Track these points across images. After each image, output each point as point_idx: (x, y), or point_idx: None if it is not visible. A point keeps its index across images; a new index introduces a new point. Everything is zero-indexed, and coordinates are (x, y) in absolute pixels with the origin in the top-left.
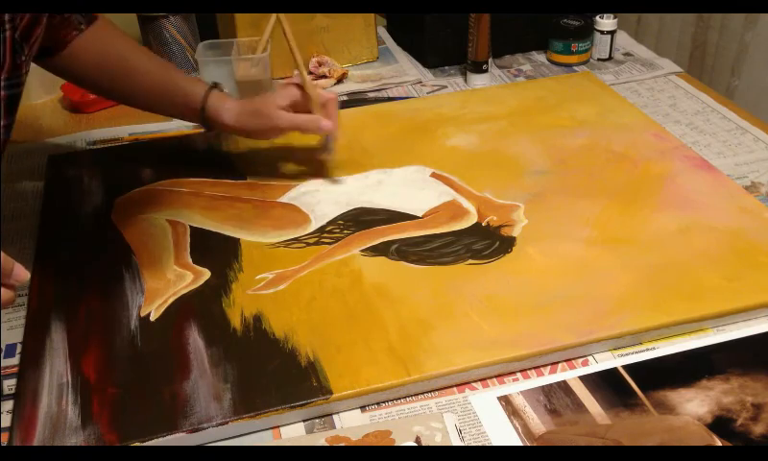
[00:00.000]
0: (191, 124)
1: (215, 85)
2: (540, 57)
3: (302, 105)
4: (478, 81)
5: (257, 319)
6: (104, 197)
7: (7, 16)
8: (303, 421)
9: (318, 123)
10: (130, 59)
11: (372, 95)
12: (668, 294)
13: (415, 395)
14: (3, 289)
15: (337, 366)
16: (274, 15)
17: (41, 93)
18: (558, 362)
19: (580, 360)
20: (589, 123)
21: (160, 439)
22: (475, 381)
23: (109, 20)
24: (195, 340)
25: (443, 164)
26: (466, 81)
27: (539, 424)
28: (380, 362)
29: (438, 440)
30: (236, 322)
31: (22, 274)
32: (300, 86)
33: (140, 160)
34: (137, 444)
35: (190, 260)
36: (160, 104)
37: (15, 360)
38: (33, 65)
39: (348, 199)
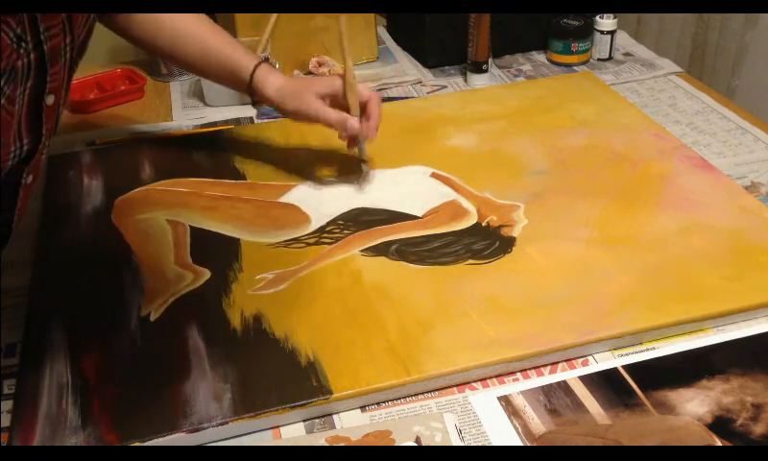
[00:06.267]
0: (191, 124)
1: (265, 60)
2: (540, 57)
3: (342, 99)
4: (478, 81)
5: (257, 319)
6: (104, 197)
7: (68, 39)
8: (303, 421)
9: (344, 123)
10: (186, 24)
11: None
12: (668, 294)
13: (415, 395)
14: None
15: (337, 366)
16: (274, 15)
17: None
18: (558, 362)
19: (580, 360)
20: (589, 123)
21: (160, 439)
22: (475, 381)
23: None
24: (195, 340)
25: (443, 164)
26: (466, 81)
27: (539, 424)
28: (380, 362)
29: (438, 440)
30: (236, 322)
31: None
32: (343, 78)
33: (140, 160)
34: (137, 444)
35: (190, 260)
36: (213, 71)
37: (15, 360)
38: None
39: (348, 199)
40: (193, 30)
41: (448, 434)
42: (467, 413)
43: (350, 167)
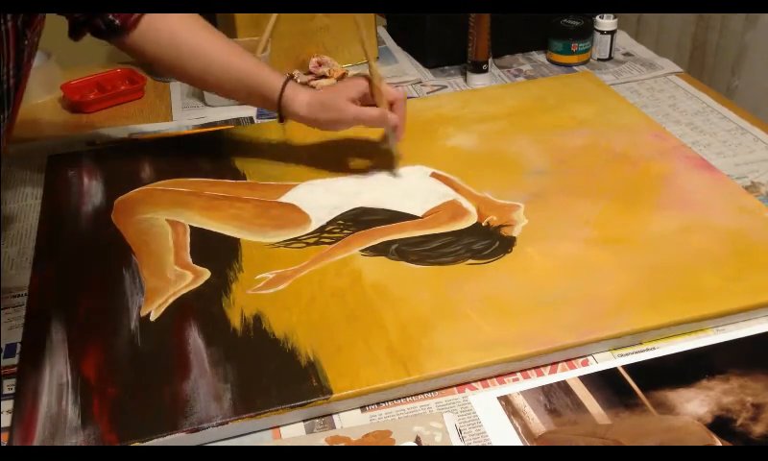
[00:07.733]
0: (191, 124)
1: (291, 77)
2: (540, 57)
3: (370, 98)
4: (478, 81)
5: (257, 319)
6: (104, 197)
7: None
8: (303, 421)
9: (384, 118)
10: (203, 44)
11: None
12: (668, 294)
13: (415, 395)
14: None
15: (337, 366)
16: (274, 15)
17: (41, 93)
18: (558, 362)
19: (580, 360)
20: (589, 123)
21: (160, 439)
22: (475, 381)
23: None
24: (195, 340)
25: (443, 164)
26: (466, 81)
27: (539, 424)
28: (380, 362)
29: (438, 440)
30: (236, 322)
31: None
32: (369, 80)
33: (140, 160)
34: (137, 444)
35: (190, 260)
36: (236, 92)
37: (15, 360)
38: (32, 65)
39: (349, 199)
40: (218, 49)
41: (448, 434)
42: (467, 413)
43: (351, 167)
